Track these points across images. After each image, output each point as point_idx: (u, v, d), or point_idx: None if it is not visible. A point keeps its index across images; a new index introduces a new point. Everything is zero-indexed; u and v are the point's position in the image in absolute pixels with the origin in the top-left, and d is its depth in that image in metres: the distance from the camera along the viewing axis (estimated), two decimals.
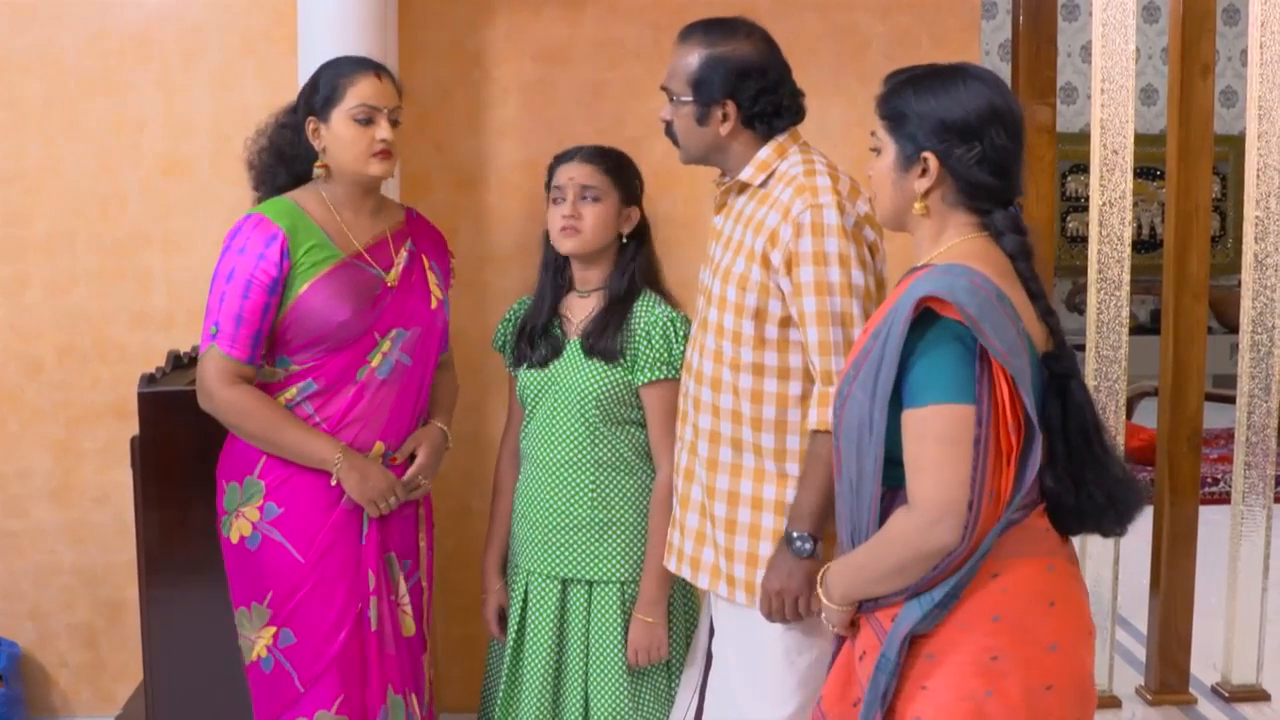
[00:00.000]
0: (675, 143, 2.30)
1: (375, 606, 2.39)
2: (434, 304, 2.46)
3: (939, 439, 1.69)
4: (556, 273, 2.57)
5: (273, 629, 2.36)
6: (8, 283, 3.19)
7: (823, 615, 1.93)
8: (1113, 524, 1.86)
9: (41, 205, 3.17)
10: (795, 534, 2.12)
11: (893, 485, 1.79)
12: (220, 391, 2.31)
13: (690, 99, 2.23)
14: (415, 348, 2.42)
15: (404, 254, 2.44)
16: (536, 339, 2.53)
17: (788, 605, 2.13)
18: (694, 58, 2.22)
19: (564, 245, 2.48)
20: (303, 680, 2.36)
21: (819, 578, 1.92)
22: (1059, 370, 1.82)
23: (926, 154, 1.81)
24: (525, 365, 2.55)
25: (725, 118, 2.23)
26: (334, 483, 2.34)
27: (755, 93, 2.21)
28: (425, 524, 2.55)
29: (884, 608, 1.81)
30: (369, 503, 2.35)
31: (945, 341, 1.71)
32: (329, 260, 2.34)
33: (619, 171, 2.49)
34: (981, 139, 1.79)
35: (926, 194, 1.83)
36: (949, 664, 1.75)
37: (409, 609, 2.46)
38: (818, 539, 2.11)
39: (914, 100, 1.82)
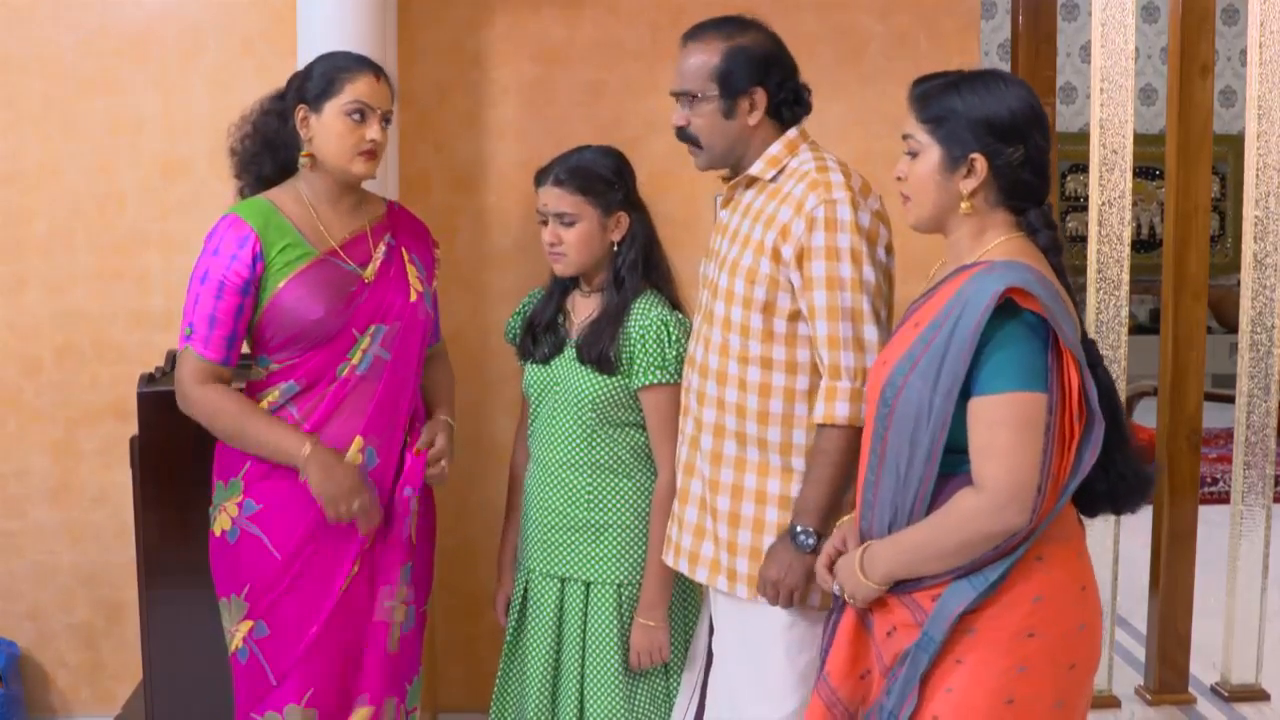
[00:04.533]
0: (696, 145, 2.27)
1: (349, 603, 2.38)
2: (413, 297, 2.43)
3: (1014, 425, 1.76)
4: None
5: (249, 622, 2.36)
6: (6, 283, 3.19)
7: (846, 594, 1.95)
8: (1135, 503, 1.95)
9: (40, 205, 3.17)
10: (800, 528, 2.14)
11: (944, 472, 1.84)
12: (193, 391, 2.32)
13: (716, 93, 2.22)
14: (395, 342, 2.40)
15: (382, 248, 2.42)
16: (540, 334, 2.54)
17: (782, 595, 2.15)
18: (713, 53, 2.22)
19: (556, 269, 2.50)
20: (275, 674, 2.36)
21: (857, 557, 1.93)
22: (1089, 358, 1.89)
23: (975, 155, 1.86)
24: (530, 360, 2.56)
25: (753, 107, 2.23)
26: (301, 478, 2.29)
27: (780, 79, 2.24)
28: (420, 539, 2.50)
29: (924, 589, 1.86)
30: (329, 501, 2.27)
31: (1021, 332, 1.77)
32: (303, 258, 2.33)
33: (591, 187, 2.44)
34: (1025, 140, 1.86)
35: (972, 194, 1.87)
36: (988, 640, 1.81)
37: (399, 615, 2.44)
38: (821, 535, 2.12)
39: (959, 103, 1.86)
